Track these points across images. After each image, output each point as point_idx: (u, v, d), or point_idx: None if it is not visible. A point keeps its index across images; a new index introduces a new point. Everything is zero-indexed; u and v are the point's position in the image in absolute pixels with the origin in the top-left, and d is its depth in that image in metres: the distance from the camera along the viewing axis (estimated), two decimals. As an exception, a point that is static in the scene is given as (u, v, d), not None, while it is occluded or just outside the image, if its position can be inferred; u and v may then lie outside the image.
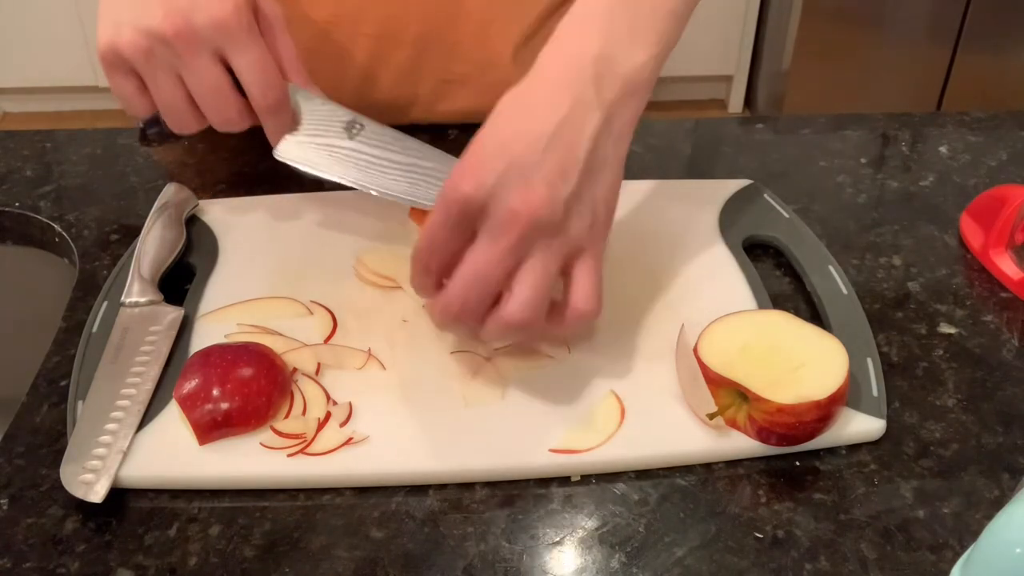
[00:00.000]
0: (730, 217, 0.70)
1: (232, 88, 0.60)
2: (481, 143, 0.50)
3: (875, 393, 0.55)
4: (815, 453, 0.53)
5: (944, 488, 0.51)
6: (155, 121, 0.65)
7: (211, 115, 0.61)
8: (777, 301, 0.63)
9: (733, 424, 0.53)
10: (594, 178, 0.51)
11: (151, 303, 0.59)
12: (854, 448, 0.53)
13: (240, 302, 0.61)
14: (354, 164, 0.61)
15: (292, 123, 0.62)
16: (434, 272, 0.52)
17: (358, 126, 0.61)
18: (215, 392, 0.51)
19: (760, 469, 0.52)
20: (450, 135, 0.80)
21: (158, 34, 0.57)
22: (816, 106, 2.57)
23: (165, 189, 0.68)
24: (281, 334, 0.58)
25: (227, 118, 0.61)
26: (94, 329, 0.58)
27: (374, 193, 0.60)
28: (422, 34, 0.76)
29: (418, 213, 0.64)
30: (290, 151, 0.62)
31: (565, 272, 0.51)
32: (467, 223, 0.49)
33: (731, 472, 0.52)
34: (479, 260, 0.49)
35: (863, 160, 0.79)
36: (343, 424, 0.53)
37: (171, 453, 0.51)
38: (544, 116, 0.50)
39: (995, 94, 2.58)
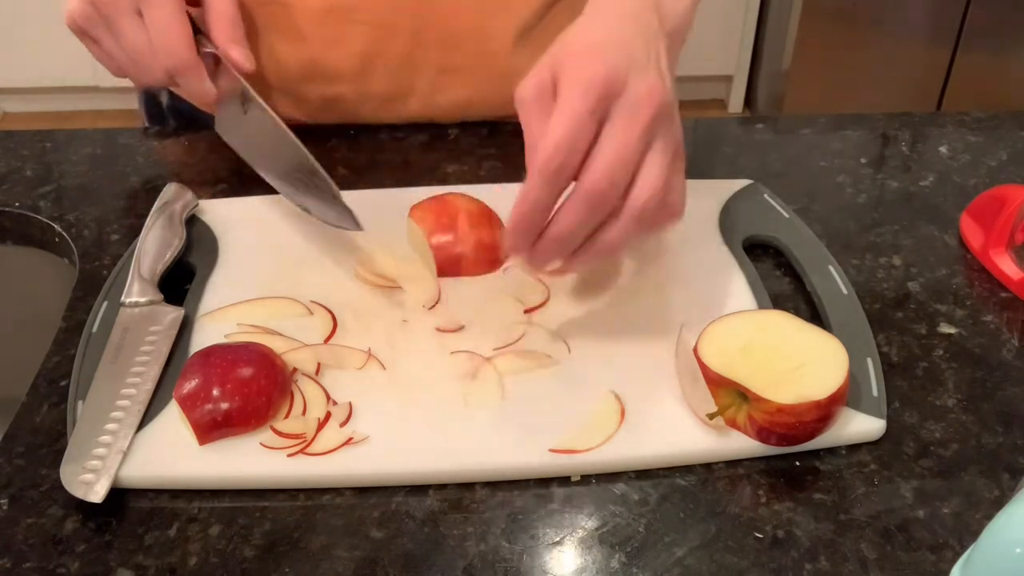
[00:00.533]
0: (730, 217, 0.70)
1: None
2: (582, 40, 0.52)
3: (875, 393, 0.55)
4: (815, 453, 0.53)
5: (944, 488, 0.51)
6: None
7: (139, 71, 0.65)
8: (777, 301, 0.63)
9: (733, 424, 0.53)
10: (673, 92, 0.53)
11: (151, 303, 0.59)
12: (854, 448, 0.53)
13: (240, 302, 0.61)
14: (259, 152, 0.65)
15: (203, 86, 0.65)
16: (566, 176, 0.50)
17: (248, 102, 0.64)
18: (215, 392, 0.51)
19: (760, 469, 0.52)
20: (450, 135, 0.80)
21: None
22: (816, 106, 2.57)
23: (165, 189, 0.68)
24: (281, 334, 0.58)
25: (150, 73, 0.65)
26: (94, 329, 0.58)
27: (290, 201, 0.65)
28: (419, 24, 0.76)
29: (418, 211, 0.64)
30: (223, 131, 0.67)
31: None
32: (604, 108, 0.49)
33: (731, 472, 0.52)
34: (621, 139, 0.49)
35: (863, 160, 0.79)
36: (343, 424, 0.53)
37: (171, 453, 0.51)
38: (628, 30, 0.52)
39: (995, 94, 2.58)
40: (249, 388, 0.52)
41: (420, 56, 0.78)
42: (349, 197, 0.71)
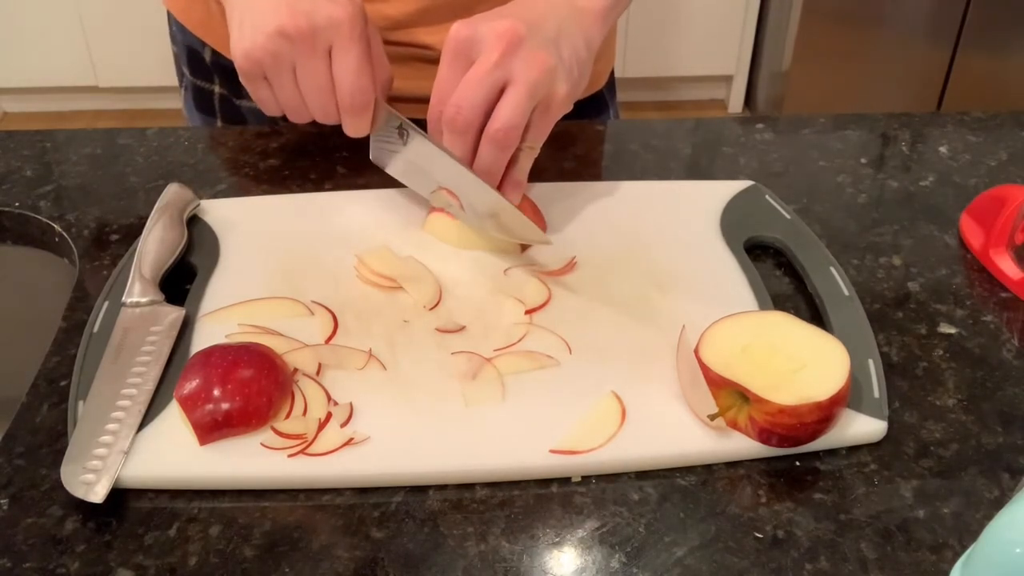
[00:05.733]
0: (731, 218, 0.70)
1: (333, 88, 0.65)
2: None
3: (876, 394, 0.55)
4: (815, 453, 0.53)
5: (944, 488, 0.51)
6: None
7: (315, 110, 0.66)
8: (778, 302, 0.63)
9: (734, 425, 0.53)
10: (561, 47, 0.63)
11: (152, 303, 0.59)
12: (854, 448, 0.53)
13: (241, 302, 0.61)
14: (421, 175, 0.67)
15: (369, 122, 0.66)
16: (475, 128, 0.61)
17: (405, 132, 0.65)
18: (216, 392, 0.51)
19: (760, 469, 0.52)
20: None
21: (284, 32, 0.62)
22: (816, 106, 2.58)
23: (167, 189, 0.68)
24: (282, 334, 0.58)
25: (328, 112, 0.66)
26: (95, 329, 0.58)
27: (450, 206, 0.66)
28: None
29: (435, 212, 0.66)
30: (381, 160, 0.69)
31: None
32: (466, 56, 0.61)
33: (731, 472, 0.52)
34: (510, 98, 0.60)
35: (863, 160, 0.79)
36: (344, 424, 0.53)
37: (172, 453, 0.51)
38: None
39: (995, 94, 2.58)
40: (250, 388, 0.52)
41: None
42: (350, 197, 0.71)
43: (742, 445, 0.52)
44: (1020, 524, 0.39)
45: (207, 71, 0.89)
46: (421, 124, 0.65)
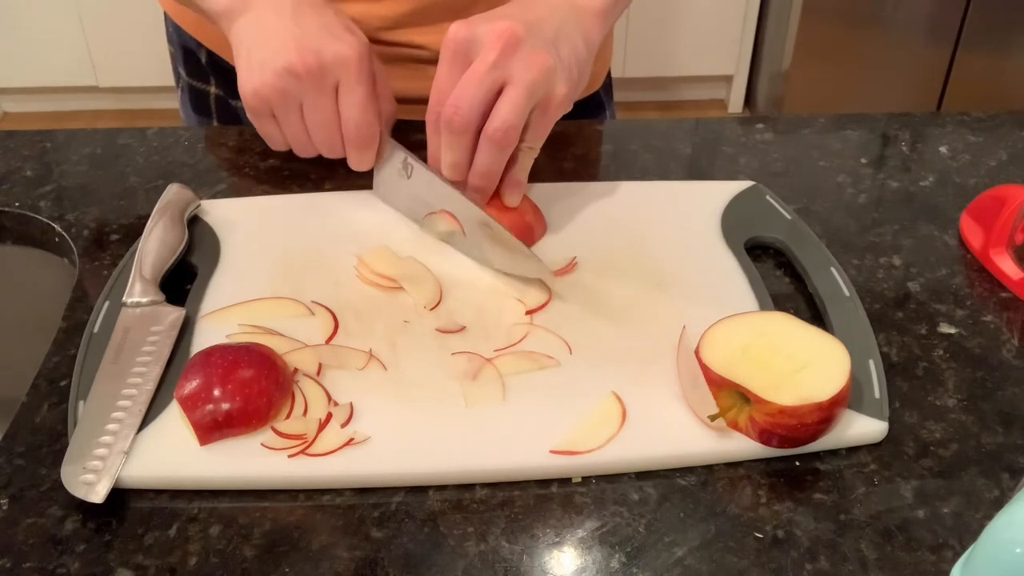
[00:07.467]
0: (732, 218, 0.70)
1: (339, 123, 0.65)
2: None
3: (877, 395, 0.55)
4: (815, 453, 0.53)
5: (944, 488, 0.51)
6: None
7: (320, 145, 0.67)
8: (778, 302, 0.63)
9: (734, 426, 0.53)
10: (560, 47, 0.63)
11: (153, 303, 0.59)
12: (854, 448, 0.53)
13: (241, 302, 0.61)
14: (426, 209, 0.67)
15: (373, 157, 0.67)
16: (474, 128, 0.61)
17: (409, 166, 0.66)
18: (216, 392, 0.51)
19: (760, 469, 0.52)
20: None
21: (292, 70, 0.63)
22: (816, 106, 2.58)
23: (167, 189, 0.68)
24: (282, 334, 0.58)
25: (333, 146, 0.67)
26: (95, 329, 0.58)
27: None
28: None
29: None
30: (383, 194, 0.70)
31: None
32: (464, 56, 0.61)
33: (731, 472, 0.52)
34: (509, 97, 0.60)
35: (863, 160, 0.79)
36: (344, 425, 0.53)
37: (172, 453, 0.51)
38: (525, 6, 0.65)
39: (995, 94, 2.58)
40: (250, 389, 0.52)
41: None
42: (350, 197, 0.71)
43: (742, 445, 0.52)
44: (1020, 524, 0.39)
45: (203, 72, 0.89)
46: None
